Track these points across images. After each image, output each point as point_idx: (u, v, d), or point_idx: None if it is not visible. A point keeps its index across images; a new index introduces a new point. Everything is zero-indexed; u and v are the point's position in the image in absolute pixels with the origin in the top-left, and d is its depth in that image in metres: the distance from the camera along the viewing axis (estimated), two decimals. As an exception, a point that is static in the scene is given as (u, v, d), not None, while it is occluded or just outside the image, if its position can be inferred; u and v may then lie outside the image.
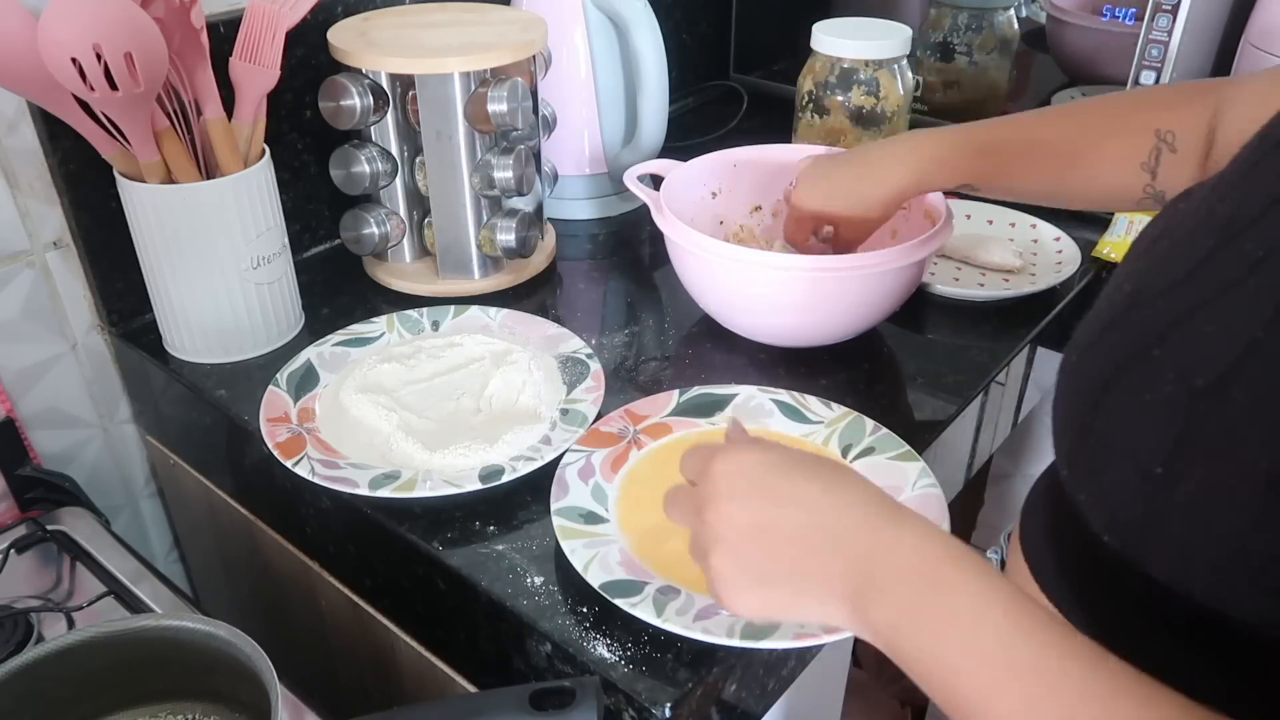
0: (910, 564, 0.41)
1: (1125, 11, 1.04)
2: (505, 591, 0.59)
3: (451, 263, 0.89)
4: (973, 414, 0.83)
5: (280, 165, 0.83)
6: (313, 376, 0.75)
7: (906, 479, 0.64)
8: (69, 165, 0.78)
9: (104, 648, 0.56)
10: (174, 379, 0.80)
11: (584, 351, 0.77)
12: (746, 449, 0.46)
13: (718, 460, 0.46)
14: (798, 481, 0.45)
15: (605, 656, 0.55)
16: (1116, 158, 0.67)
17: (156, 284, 0.79)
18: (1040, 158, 0.71)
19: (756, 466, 0.45)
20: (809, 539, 0.43)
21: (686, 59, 1.31)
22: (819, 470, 0.45)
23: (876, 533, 0.42)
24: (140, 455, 0.95)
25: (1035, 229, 0.96)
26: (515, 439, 0.68)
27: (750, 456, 0.46)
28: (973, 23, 1.16)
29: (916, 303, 0.84)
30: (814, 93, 0.99)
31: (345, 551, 0.73)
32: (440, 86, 0.81)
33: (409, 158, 0.87)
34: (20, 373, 0.83)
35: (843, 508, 0.43)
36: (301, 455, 0.66)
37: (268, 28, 0.75)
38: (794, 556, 0.43)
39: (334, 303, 0.89)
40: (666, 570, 0.58)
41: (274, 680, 0.52)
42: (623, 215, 1.06)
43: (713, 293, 0.80)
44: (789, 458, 0.46)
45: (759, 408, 0.71)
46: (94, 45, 0.63)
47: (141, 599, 0.71)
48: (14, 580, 0.73)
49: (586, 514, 0.62)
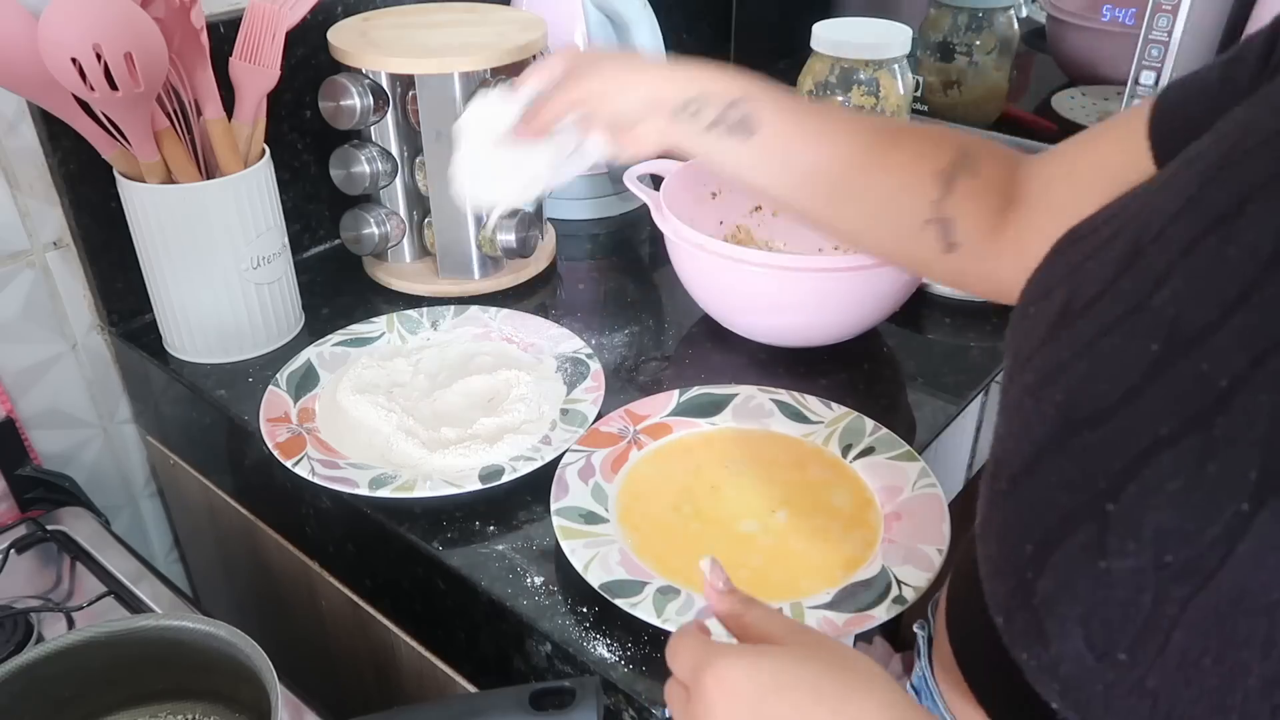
0: None
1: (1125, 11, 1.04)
2: (505, 591, 0.59)
3: (451, 263, 0.89)
4: (973, 414, 0.83)
5: (280, 165, 0.83)
6: (313, 376, 0.75)
7: (906, 479, 0.64)
8: (69, 165, 0.77)
9: (104, 648, 0.56)
10: (174, 379, 0.80)
11: (584, 351, 0.77)
12: (737, 662, 0.39)
13: (706, 674, 0.39)
14: (797, 700, 0.38)
15: (605, 656, 0.55)
16: (912, 155, 0.56)
17: (156, 284, 0.79)
18: (838, 121, 0.58)
19: (751, 684, 0.39)
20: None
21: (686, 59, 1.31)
22: (823, 682, 0.38)
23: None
24: (140, 455, 0.95)
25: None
26: (515, 439, 0.68)
27: (742, 672, 0.39)
28: (973, 23, 1.16)
29: (916, 303, 0.84)
30: (814, 93, 0.99)
31: (345, 551, 0.73)
32: (440, 86, 0.81)
33: (409, 158, 0.87)
34: (20, 373, 0.83)
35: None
36: (301, 455, 0.66)
37: (268, 28, 0.75)
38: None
39: (334, 303, 0.89)
40: (666, 570, 0.58)
41: (274, 680, 0.52)
42: (623, 215, 1.06)
43: (713, 293, 0.80)
44: (788, 668, 0.39)
45: (759, 408, 0.71)
46: (94, 45, 0.63)
47: (141, 599, 0.71)
48: (14, 580, 0.73)
49: (586, 514, 0.62)
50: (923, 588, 0.56)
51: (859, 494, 0.64)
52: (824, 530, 0.62)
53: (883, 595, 0.55)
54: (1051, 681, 0.37)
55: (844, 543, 0.61)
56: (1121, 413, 0.35)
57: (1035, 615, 0.37)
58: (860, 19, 1.00)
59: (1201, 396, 0.32)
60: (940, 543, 0.59)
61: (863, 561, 0.59)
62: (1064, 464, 0.36)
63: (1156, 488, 0.33)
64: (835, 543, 0.61)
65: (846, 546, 0.60)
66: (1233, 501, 0.30)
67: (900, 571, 0.57)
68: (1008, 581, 0.39)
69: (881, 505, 0.63)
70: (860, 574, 0.58)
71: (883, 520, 0.62)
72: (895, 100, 0.97)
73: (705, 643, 0.41)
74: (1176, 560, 0.32)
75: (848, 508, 0.63)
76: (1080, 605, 0.35)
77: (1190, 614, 0.31)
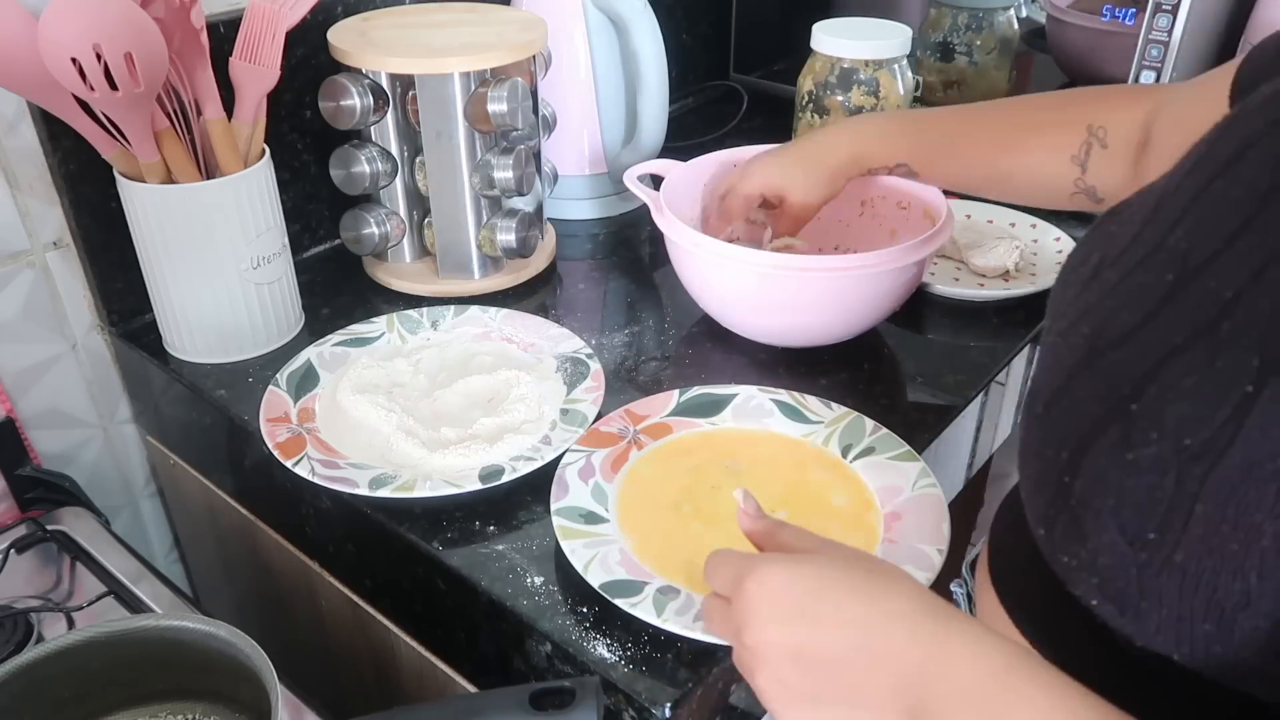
0: (968, 680, 0.39)
1: (1125, 11, 1.04)
2: (505, 591, 0.59)
3: (451, 263, 0.89)
4: (973, 414, 0.83)
5: (280, 165, 0.83)
6: (313, 376, 0.75)
7: (906, 479, 0.64)
8: (69, 165, 0.78)
9: (104, 648, 0.56)
10: (174, 379, 0.80)
11: (584, 351, 0.77)
12: (778, 566, 0.43)
13: (749, 580, 0.43)
14: (837, 599, 0.41)
15: (605, 656, 0.55)
16: (1047, 148, 0.68)
17: (156, 284, 0.79)
18: (974, 143, 0.73)
19: (792, 586, 0.42)
20: (855, 660, 0.40)
21: (686, 59, 1.31)
22: (857, 581, 0.42)
23: (926, 647, 0.40)
24: (140, 455, 0.95)
25: (1035, 229, 0.96)
26: (515, 439, 0.68)
27: (784, 575, 0.43)
28: (973, 23, 1.16)
29: (916, 303, 0.84)
30: (814, 93, 0.99)
31: (345, 551, 0.73)
32: (440, 86, 0.81)
33: (409, 158, 0.87)
34: (20, 373, 0.83)
35: (887, 623, 0.40)
36: (301, 455, 0.66)
37: (268, 28, 0.75)
38: (841, 678, 0.41)
39: (334, 303, 0.89)
40: (666, 570, 0.58)
41: (274, 680, 0.52)
42: (623, 215, 1.06)
43: (713, 293, 0.80)
44: (825, 571, 0.43)
45: (759, 408, 0.71)
46: (94, 45, 0.63)
47: (141, 599, 0.71)
48: (14, 580, 0.73)
49: (586, 514, 0.62)
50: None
51: (859, 494, 0.64)
52: (824, 530, 0.61)
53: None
54: (1091, 577, 0.41)
55: (844, 543, 0.60)
56: (1141, 333, 0.39)
57: (1073, 515, 0.41)
58: (860, 19, 1.00)
59: (1210, 308, 0.37)
60: (940, 543, 0.59)
61: (863, 561, 0.59)
62: (1092, 380, 0.41)
63: (1173, 385, 0.37)
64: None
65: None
66: (1239, 387, 0.35)
67: (900, 571, 0.57)
68: (1047, 492, 0.43)
69: (881, 505, 0.63)
70: (860, 574, 0.57)
71: (883, 520, 0.62)
72: (895, 100, 0.97)
73: (744, 555, 0.45)
74: (1194, 442, 0.36)
75: (848, 508, 0.63)
76: (1112, 497, 0.39)
77: (1208, 488, 0.35)
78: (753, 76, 1.36)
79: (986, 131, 0.72)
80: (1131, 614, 0.39)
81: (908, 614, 0.41)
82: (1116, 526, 0.38)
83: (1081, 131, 0.67)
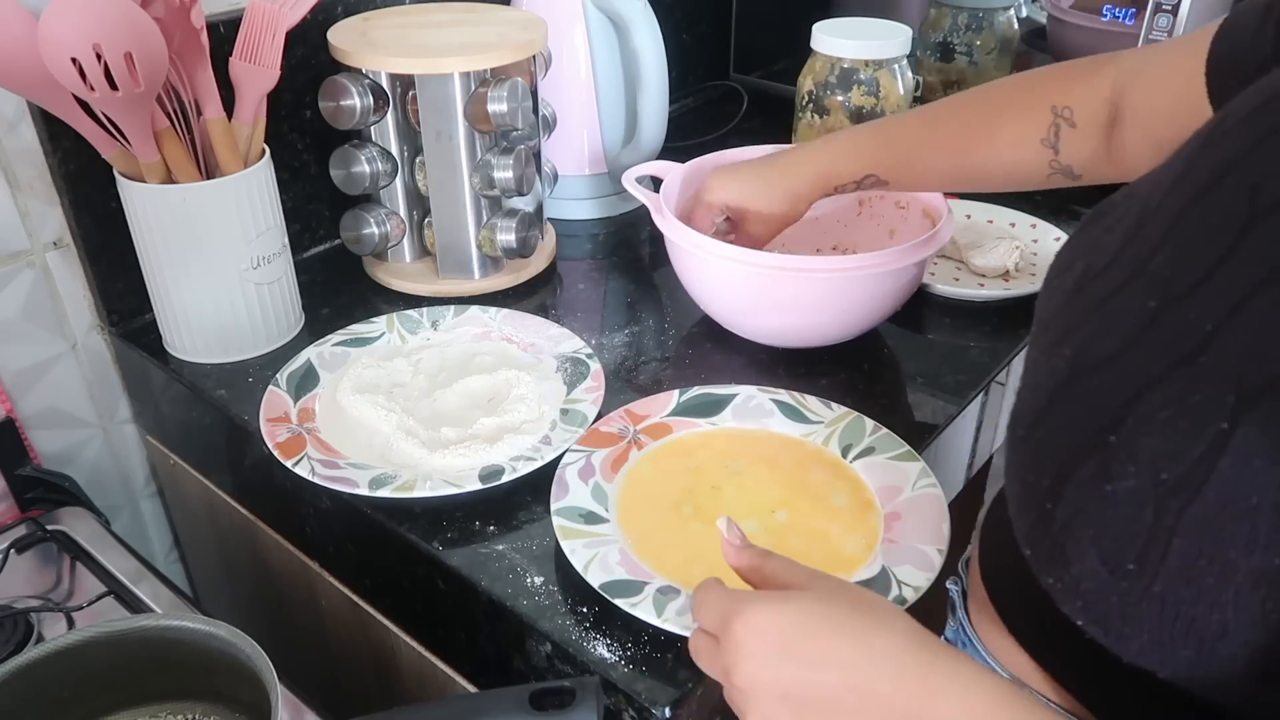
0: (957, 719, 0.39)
1: (1125, 11, 1.04)
2: (505, 591, 0.59)
3: (451, 263, 0.89)
4: (973, 414, 0.83)
5: (280, 165, 0.83)
6: (313, 376, 0.75)
7: (906, 479, 0.64)
8: (69, 165, 0.78)
9: (104, 648, 0.56)
10: (174, 379, 0.80)
11: (584, 351, 0.77)
12: (766, 606, 0.42)
13: (736, 622, 0.42)
14: (825, 638, 0.41)
15: (605, 656, 0.55)
16: (1016, 137, 0.68)
17: (156, 284, 0.79)
18: (941, 143, 0.72)
19: (779, 627, 0.41)
20: (844, 700, 0.40)
21: (686, 59, 1.31)
22: (845, 618, 0.41)
23: (914, 687, 0.39)
24: (140, 455, 0.95)
25: (1035, 229, 0.96)
26: (515, 439, 0.68)
27: (771, 615, 0.42)
28: (973, 23, 1.16)
29: (916, 303, 0.84)
30: (814, 93, 0.99)
31: (345, 551, 0.73)
32: (440, 86, 0.81)
33: (409, 158, 0.88)
34: (20, 373, 0.83)
35: (876, 662, 0.40)
36: (301, 455, 0.66)
37: (268, 28, 0.75)
38: (831, 718, 0.41)
39: (334, 303, 0.89)
40: (666, 570, 0.58)
41: (274, 680, 0.52)
42: (623, 215, 1.06)
43: (712, 293, 0.80)
44: (812, 609, 0.42)
45: (759, 408, 0.71)
46: (94, 45, 0.63)
47: (141, 599, 0.71)
48: (14, 580, 0.73)
49: (586, 514, 0.62)
50: (923, 587, 0.56)
51: (859, 494, 0.64)
52: (824, 530, 0.62)
53: (883, 595, 0.55)
54: (1075, 600, 0.41)
55: (844, 543, 0.61)
56: (1121, 360, 0.39)
57: (1056, 541, 0.41)
58: (860, 19, 1.00)
59: (1189, 340, 0.37)
60: (940, 543, 0.59)
61: (863, 562, 0.59)
62: (1072, 407, 0.41)
63: (1150, 418, 0.37)
64: (835, 543, 0.61)
65: (846, 547, 0.60)
66: (1214, 423, 0.35)
67: (900, 571, 0.57)
68: (1030, 514, 0.43)
69: (881, 505, 0.63)
70: (860, 574, 0.58)
71: (883, 520, 0.62)
72: (895, 100, 0.97)
73: (731, 592, 0.44)
74: (1170, 477, 0.36)
75: (848, 508, 0.63)
76: (1092, 526, 0.39)
77: (1185, 523, 0.35)
78: (753, 76, 1.36)
79: (951, 129, 0.71)
80: (1115, 636, 0.40)
81: (895, 653, 0.40)
82: (1097, 555, 0.39)
83: (1046, 114, 0.66)
